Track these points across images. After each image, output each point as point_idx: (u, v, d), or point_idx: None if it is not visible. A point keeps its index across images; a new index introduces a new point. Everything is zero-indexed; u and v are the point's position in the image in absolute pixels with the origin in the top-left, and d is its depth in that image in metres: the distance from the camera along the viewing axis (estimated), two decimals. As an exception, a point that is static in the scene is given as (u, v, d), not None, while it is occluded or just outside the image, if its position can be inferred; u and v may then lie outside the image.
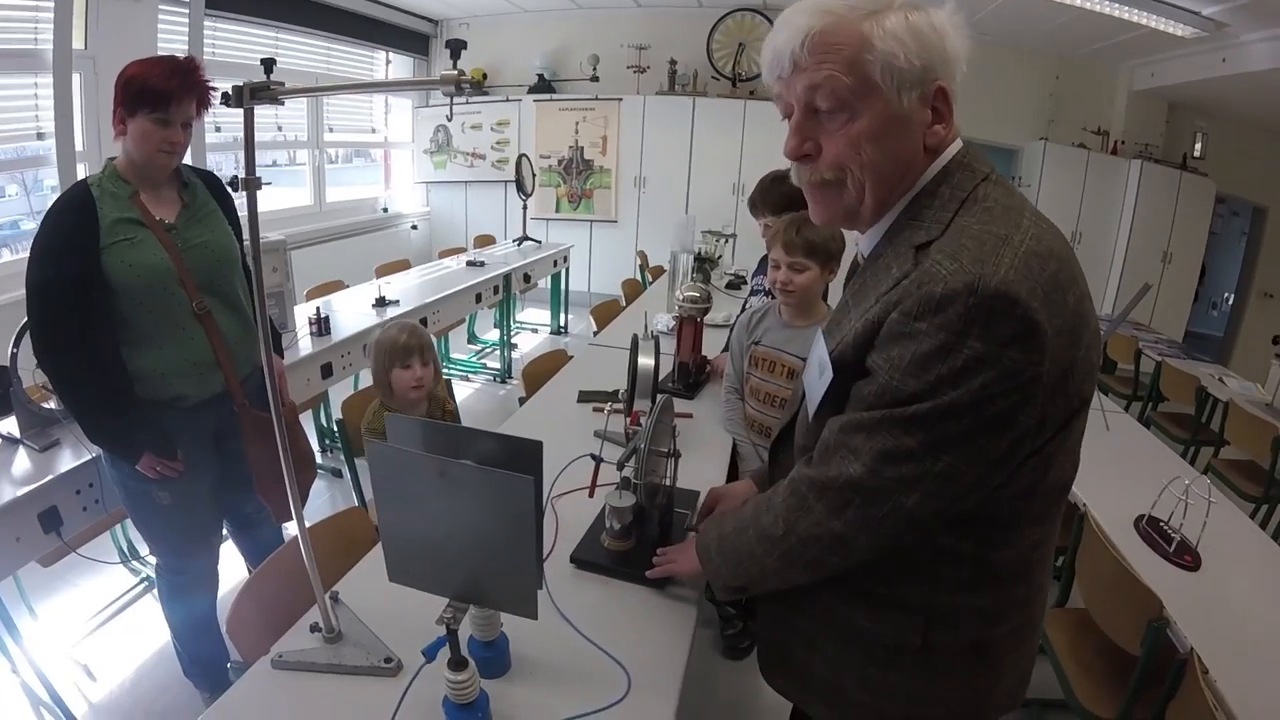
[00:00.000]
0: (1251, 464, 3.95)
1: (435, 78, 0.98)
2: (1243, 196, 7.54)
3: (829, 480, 1.00)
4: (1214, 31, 5.28)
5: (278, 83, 1.01)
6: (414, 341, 2.23)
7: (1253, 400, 4.10)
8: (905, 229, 0.99)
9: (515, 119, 7.62)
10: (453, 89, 1.00)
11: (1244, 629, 1.83)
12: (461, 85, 1.00)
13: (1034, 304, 0.84)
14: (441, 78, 0.99)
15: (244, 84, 0.99)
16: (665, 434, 1.63)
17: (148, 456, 1.89)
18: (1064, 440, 0.96)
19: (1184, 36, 5.49)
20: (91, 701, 2.36)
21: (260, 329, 1.21)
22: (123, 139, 1.84)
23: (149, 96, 1.78)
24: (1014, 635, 1.10)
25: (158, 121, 1.80)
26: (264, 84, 1.00)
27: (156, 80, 1.78)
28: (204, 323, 1.95)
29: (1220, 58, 5.60)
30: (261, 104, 1.01)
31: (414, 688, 1.22)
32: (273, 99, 1.01)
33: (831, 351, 1.03)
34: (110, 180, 1.86)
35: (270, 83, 1.01)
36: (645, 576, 1.51)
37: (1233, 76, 5.57)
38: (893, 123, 0.94)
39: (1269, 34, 5.06)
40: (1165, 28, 5.37)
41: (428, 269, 5.16)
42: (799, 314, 2.19)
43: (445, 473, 1.06)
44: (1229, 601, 1.94)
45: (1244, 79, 5.50)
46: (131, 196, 1.86)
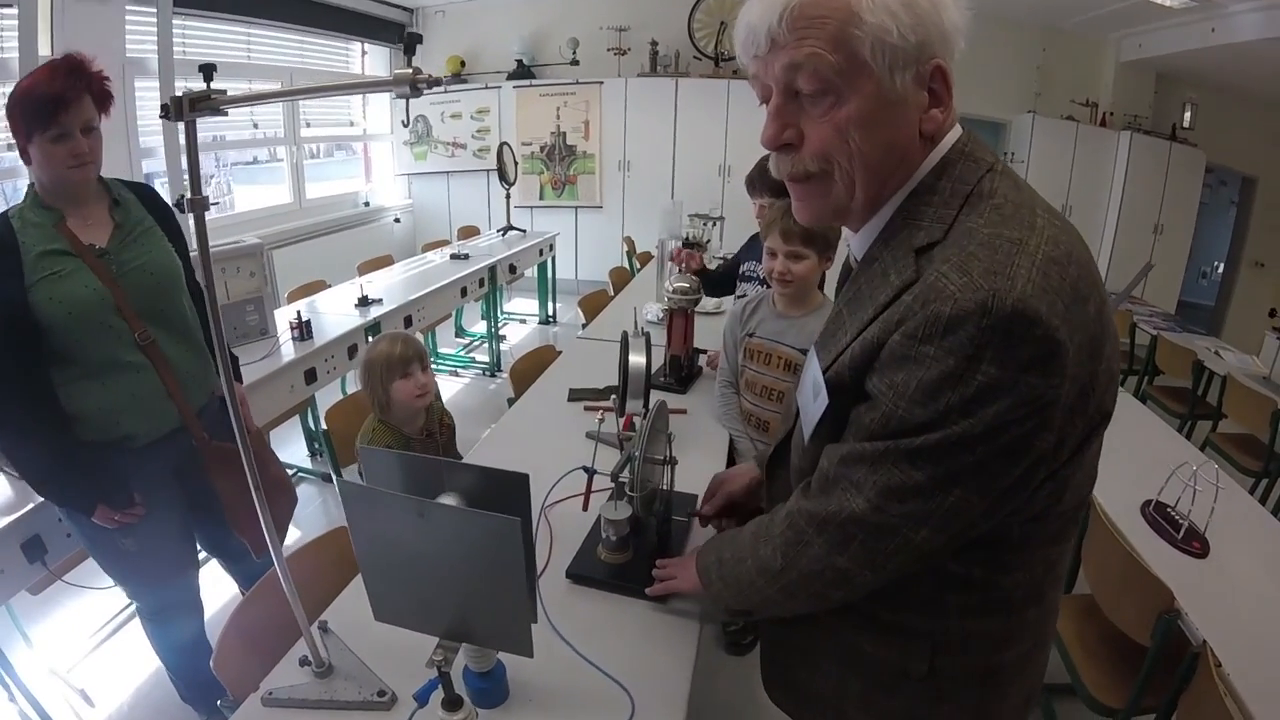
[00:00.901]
0: (1250, 438, 3.92)
1: (389, 76, 0.86)
2: (1232, 167, 7.49)
3: (829, 515, 0.92)
4: (1203, 1, 5.22)
5: (218, 91, 0.89)
6: (410, 350, 2.12)
7: (1250, 374, 4.07)
8: (902, 229, 0.89)
9: (495, 106, 7.50)
10: (408, 89, 0.88)
11: (1256, 619, 1.79)
12: (418, 85, 0.88)
13: (1055, 321, 0.75)
14: (395, 77, 0.88)
15: (182, 95, 0.88)
16: (660, 441, 1.56)
17: (102, 508, 1.77)
18: (1081, 459, 0.88)
19: (1172, 6, 5.43)
20: None
21: (219, 355, 1.10)
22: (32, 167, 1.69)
23: (38, 112, 1.61)
24: (1024, 658, 1.04)
25: (55, 139, 1.64)
26: (204, 93, 0.89)
27: (41, 89, 1.61)
28: (149, 354, 1.80)
29: (1209, 28, 5.54)
30: (202, 115, 0.90)
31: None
32: (214, 109, 0.90)
33: (826, 371, 0.94)
34: (32, 210, 1.70)
35: (210, 92, 0.90)
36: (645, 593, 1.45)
37: (1222, 47, 5.50)
38: (884, 107, 0.84)
39: (1258, 3, 4.99)
40: (1151, -4, 5.30)
41: (411, 264, 5.06)
42: (794, 303, 2.12)
43: (425, 514, 0.98)
44: (1239, 590, 1.90)
45: (1233, 49, 5.45)
46: (56, 224, 1.70)
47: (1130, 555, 1.88)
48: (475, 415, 4.64)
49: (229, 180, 5.99)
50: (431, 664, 1.04)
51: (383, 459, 1.15)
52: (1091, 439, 0.88)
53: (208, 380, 1.97)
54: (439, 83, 0.85)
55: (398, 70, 0.88)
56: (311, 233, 6.37)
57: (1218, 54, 5.70)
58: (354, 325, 3.48)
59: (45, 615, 2.70)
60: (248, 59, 5.88)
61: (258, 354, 2.97)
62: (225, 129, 5.85)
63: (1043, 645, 1.08)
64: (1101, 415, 0.87)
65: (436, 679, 1.04)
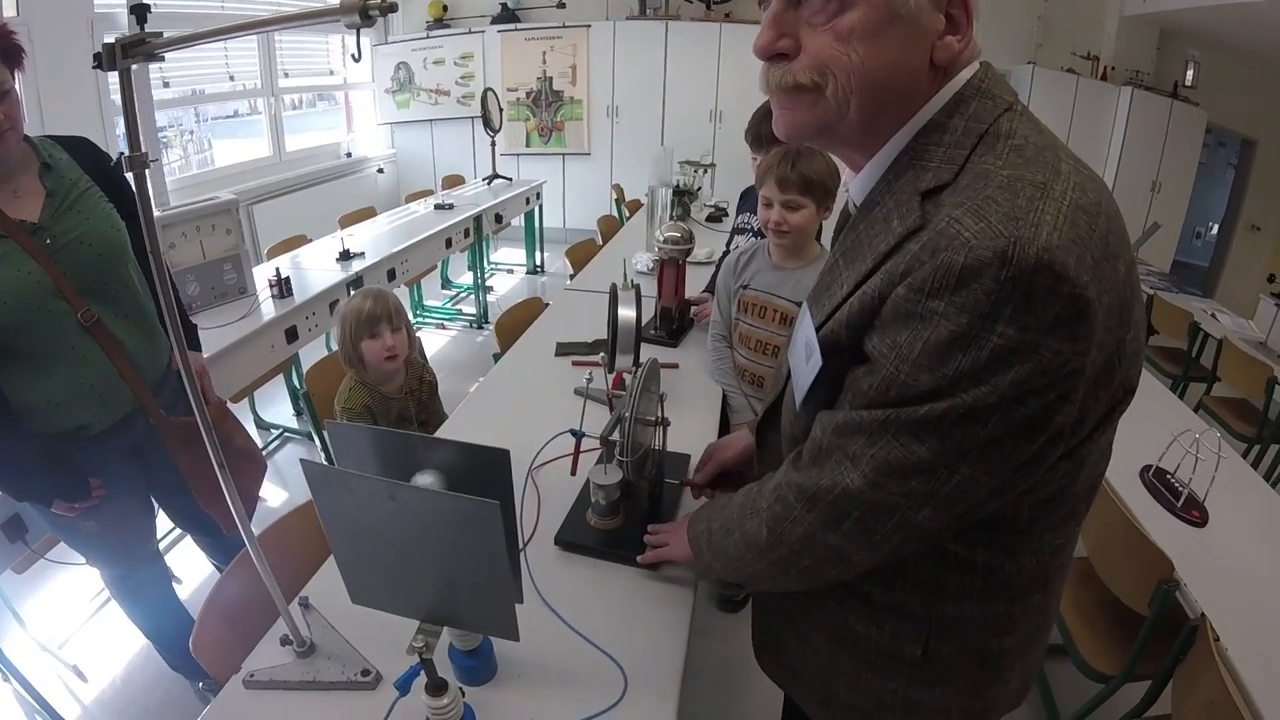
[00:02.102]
0: (1244, 403, 3.91)
1: (335, 4, 0.72)
2: (1233, 128, 7.41)
3: (821, 490, 0.84)
4: (1213, -42, 5.08)
5: (154, 34, 0.78)
6: (380, 308, 2.05)
7: (1246, 338, 4.03)
8: (908, 170, 0.80)
9: (479, 52, 7.31)
10: (357, 18, 0.74)
11: (1253, 592, 1.76)
12: (369, 12, 0.73)
13: (1084, 278, 0.65)
14: (342, 4, 0.73)
15: (114, 40, 0.77)
16: (651, 401, 1.49)
17: (59, 501, 1.68)
18: (1102, 436, 0.80)
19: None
20: (84, 703, 2.28)
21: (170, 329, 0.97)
22: None
23: None
24: (1025, 643, 0.97)
25: None
26: (137, 37, 0.77)
27: None
28: (95, 334, 1.64)
29: (1218, -16, 5.39)
30: (137, 61, 0.78)
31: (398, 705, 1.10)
32: (150, 54, 0.79)
33: (820, 330, 0.85)
34: None
35: (145, 35, 0.78)
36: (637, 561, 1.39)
37: (1230, 5, 5.37)
38: (893, 20, 0.75)
39: (1271, -36, 4.86)
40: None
41: (394, 215, 4.93)
42: (790, 255, 2.04)
43: (396, 497, 0.91)
44: (1238, 561, 1.87)
45: (1241, 8, 5.32)
46: None
47: (1130, 522, 1.85)
48: (463, 369, 4.60)
49: (209, 136, 5.82)
50: (412, 650, 0.98)
51: (353, 435, 1.07)
52: (1114, 414, 0.80)
53: (161, 353, 1.84)
54: (393, 8, 0.72)
55: None
56: (292, 186, 6.22)
57: (1225, 13, 5.56)
58: (335, 280, 3.39)
59: (33, 593, 2.66)
60: (222, 8, 5.66)
61: (236, 314, 2.88)
62: (203, 82, 5.66)
63: (1045, 629, 1.02)
64: (1126, 390, 0.79)
65: (418, 665, 0.98)
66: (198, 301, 2.85)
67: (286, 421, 3.96)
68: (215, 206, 2.91)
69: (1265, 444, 3.58)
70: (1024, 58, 6.91)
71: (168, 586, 2.13)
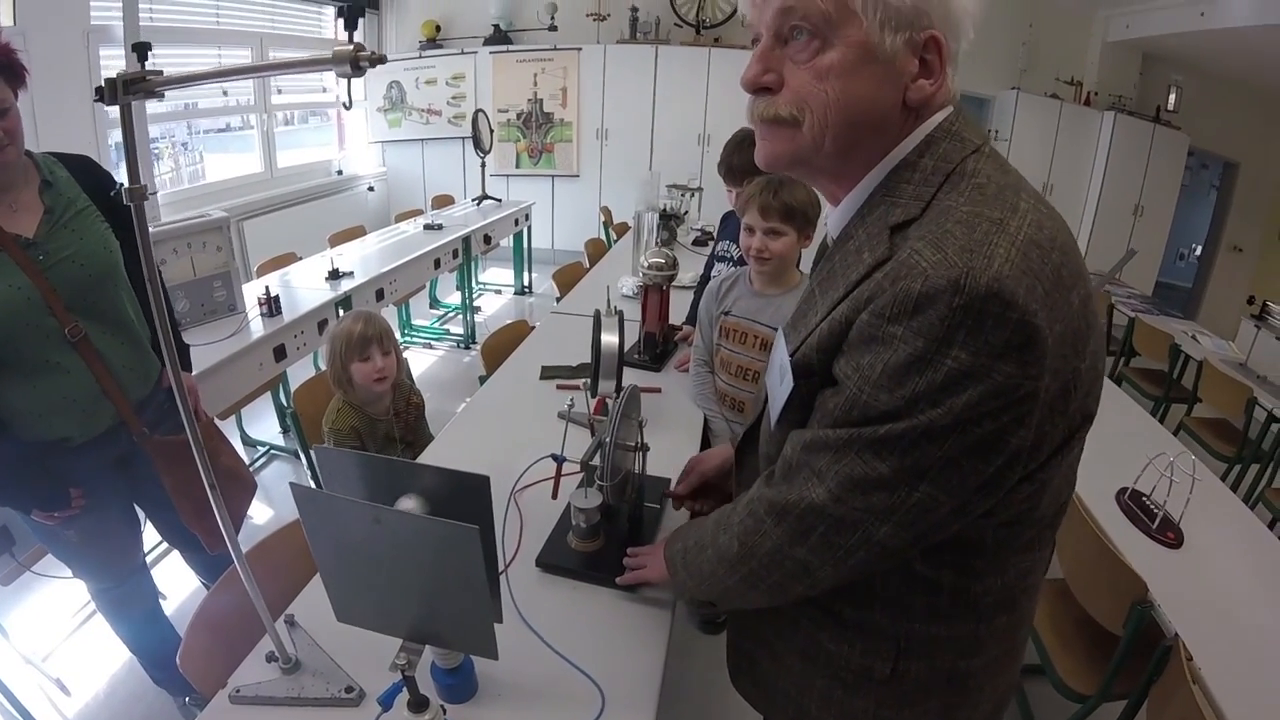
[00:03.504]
0: (1224, 423, 3.96)
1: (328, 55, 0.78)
2: (1215, 151, 7.52)
3: (789, 505, 0.87)
4: (1193, -16, 5.19)
5: (154, 72, 0.82)
6: (371, 330, 2.08)
7: (1227, 359, 4.09)
8: (880, 205, 0.84)
9: (471, 72, 7.35)
10: (348, 68, 0.80)
11: (1228, 612, 1.79)
12: (359, 63, 0.79)
13: (1033, 306, 0.69)
14: (335, 54, 0.79)
15: (116, 76, 0.81)
16: (631, 427, 1.52)
17: (38, 511, 1.70)
18: (1062, 462, 0.84)
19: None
20: (67, 717, 2.27)
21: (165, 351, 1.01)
22: None
23: None
24: (994, 664, 1.00)
25: None
26: (138, 75, 0.82)
27: None
28: (81, 350, 1.66)
29: (1199, 11, 5.52)
30: (138, 98, 0.83)
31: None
32: (150, 92, 0.83)
33: (793, 354, 0.89)
34: None
35: (146, 73, 0.82)
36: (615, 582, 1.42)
37: (1211, 31, 5.48)
38: (869, 61, 0.80)
39: (1252, -10, 4.96)
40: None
41: (384, 235, 4.95)
42: (771, 282, 2.07)
43: (381, 520, 0.94)
44: (1212, 583, 1.89)
45: (1223, 34, 5.42)
46: None
47: (1104, 544, 1.87)
48: (450, 388, 4.61)
49: (200, 149, 5.84)
50: (394, 667, 1.01)
51: (340, 459, 1.10)
52: (1072, 441, 0.83)
53: (147, 371, 1.86)
54: (382, 60, 0.78)
55: (338, 46, 0.79)
56: (283, 203, 6.22)
57: (1206, 38, 5.68)
58: (324, 300, 3.39)
59: (18, 605, 2.65)
60: (216, 24, 5.70)
61: (225, 331, 2.88)
62: (197, 96, 5.69)
63: (1015, 652, 1.04)
64: (1084, 417, 0.83)
65: (401, 682, 1.00)
66: (187, 318, 2.86)
67: (273, 439, 3.96)
68: (206, 224, 2.92)
69: (1246, 463, 3.62)
70: (1009, 83, 7.01)
71: (153, 601, 2.14)
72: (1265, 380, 3.88)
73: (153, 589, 2.14)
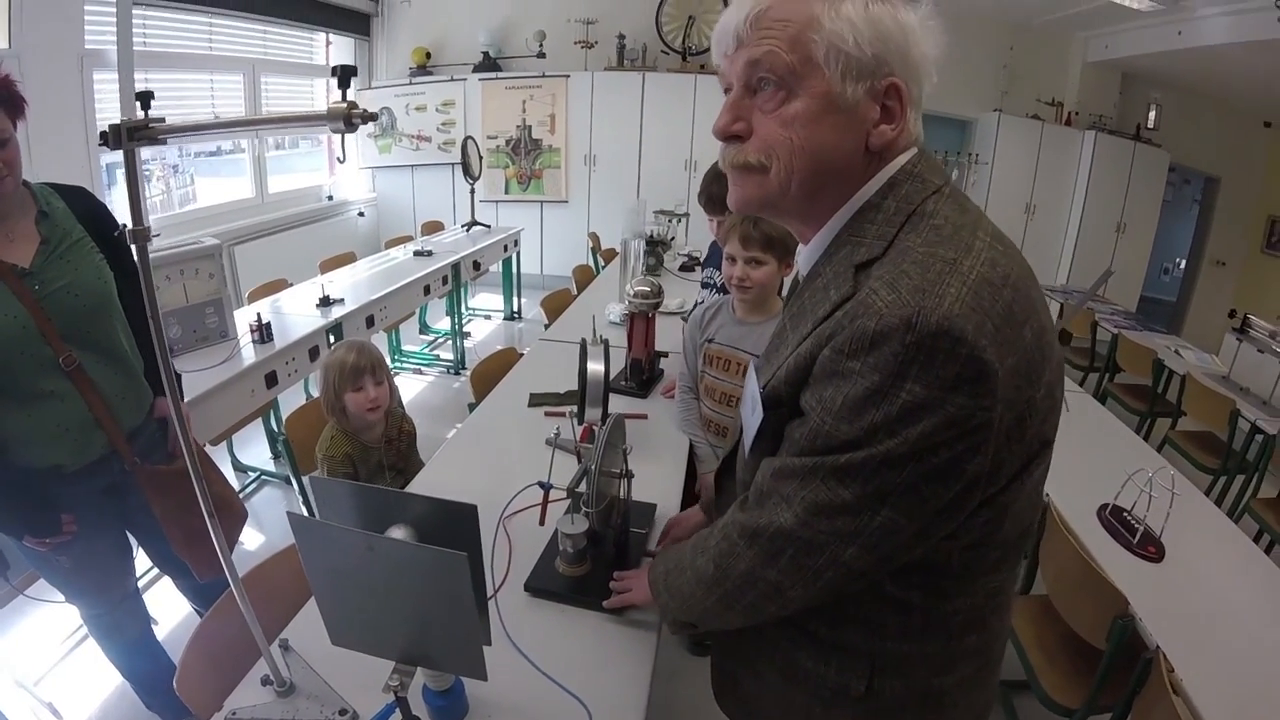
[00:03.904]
0: (1209, 435, 4.00)
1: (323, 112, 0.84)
2: (1196, 167, 7.63)
3: (760, 528, 0.92)
4: (1171, 5, 5.29)
5: (157, 120, 0.86)
6: (364, 361, 2.11)
7: (1210, 372, 4.14)
8: (846, 244, 0.89)
9: (461, 99, 7.42)
10: (342, 125, 0.86)
11: (1209, 623, 1.82)
12: (352, 120, 0.85)
13: (982, 342, 0.74)
14: (329, 111, 0.85)
15: (120, 123, 0.85)
16: (616, 454, 1.55)
17: (29, 537, 1.71)
18: (1022, 487, 0.87)
19: (1139, 9, 5.48)
20: None
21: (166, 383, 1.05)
22: None
23: None
24: (967, 682, 1.03)
25: None
26: (141, 122, 0.86)
27: None
28: (75, 379, 1.68)
29: (1176, 30, 5.61)
30: (141, 145, 0.87)
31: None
32: (152, 139, 0.88)
33: (764, 387, 0.94)
34: None
35: (149, 121, 0.87)
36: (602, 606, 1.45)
37: (1188, 49, 5.57)
38: (831, 109, 0.85)
39: (1225, 8, 5.06)
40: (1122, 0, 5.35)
41: (374, 261, 4.97)
42: (754, 310, 2.11)
43: (374, 547, 0.98)
44: (1193, 594, 1.93)
45: (1199, 52, 5.52)
46: None
47: (1085, 560, 1.90)
48: (439, 414, 4.61)
49: (191, 171, 5.85)
50: (387, 689, 1.04)
51: (334, 489, 1.14)
52: (1031, 467, 0.87)
53: (140, 400, 1.88)
54: (374, 118, 0.83)
55: (333, 104, 0.85)
56: (274, 228, 6.24)
57: (1184, 56, 5.77)
58: (315, 327, 3.41)
59: (10, 628, 2.64)
60: (209, 49, 5.75)
61: (217, 358, 2.90)
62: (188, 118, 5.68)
63: (989, 669, 1.07)
64: (1041, 443, 0.87)
65: (394, 703, 1.04)
66: (179, 344, 2.88)
67: (264, 464, 3.96)
68: (199, 251, 2.95)
69: (1231, 475, 3.66)
70: (990, 105, 7.12)
71: (146, 626, 2.14)
72: (1248, 392, 3.95)
73: (145, 615, 2.14)
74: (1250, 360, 4.27)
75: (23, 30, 3.99)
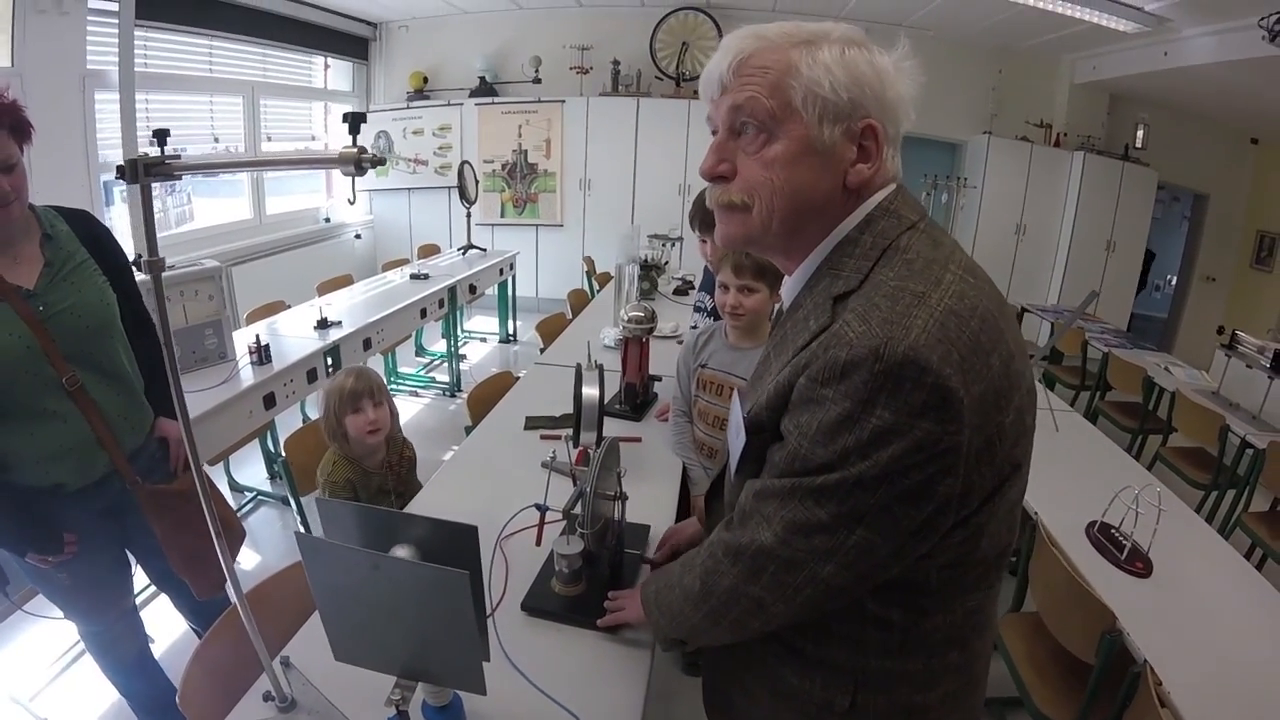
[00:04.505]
0: (1200, 451, 4.04)
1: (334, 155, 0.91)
2: (1184, 185, 7.69)
3: (742, 546, 0.96)
4: (1156, 27, 5.35)
5: (173, 157, 0.92)
6: (362, 385, 2.15)
7: (1200, 389, 4.18)
8: (825, 278, 0.94)
9: (457, 123, 7.49)
10: (353, 169, 0.93)
11: (1196, 636, 1.85)
12: (362, 164, 0.93)
13: (946, 370, 0.78)
14: (340, 155, 0.92)
15: (137, 159, 0.90)
16: (611, 477, 1.59)
17: (32, 554, 1.74)
18: (996, 508, 0.91)
19: (1126, 31, 5.55)
20: None
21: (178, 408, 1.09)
22: None
23: None
24: (951, 699, 1.05)
25: None
26: (158, 159, 0.92)
27: None
28: (77, 399, 1.71)
29: (1162, 51, 5.68)
30: (157, 180, 0.93)
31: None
32: (168, 175, 0.93)
33: (747, 413, 0.99)
34: None
35: (165, 158, 0.93)
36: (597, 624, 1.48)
37: (1174, 69, 5.64)
38: (809, 152, 0.90)
39: (1210, 28, 5.14)
40: (1108, 23, 5.43)
41: (371, 284, 5.02)
42: (746, 336, 2.14)
43: (379, 566, 1.02)
44: (1180, 608, 1.95)
45: (1185, 71, 5.58)
46: None
47: (1073, 576, 1.93)
48: (435, 436, 4.64)
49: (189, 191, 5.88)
50: (390, 703, 1.08)
51: (339, 510, 1.18)
52: (1004, 488, 0.91)
53: (141, 421, 1.91)
54: (382, 162, 0.90)
55: (344, 149, 0.92)
56: (272, 249, 6.28)
57: (1170, 76, 5.85)
58: (313, 349, 3.43)
59: (7, 643, 2.66)
60: (210, 71, 5.82)
61: (216, 379, 2.93)
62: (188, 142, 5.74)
63: (972, 686, 1.09)
64: (1012, 466, 0.90)
65: (395, 717, 1.07)
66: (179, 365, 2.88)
67: (260, 484, 3.97)
68: (200, 273, 2.98)
69: (1222, 490, 3.69)
70: (980, 129, 7.19)
71: (143, 644, 2.15)
72: (1238, 407, 3.98)
73: (142, 633, 2.15)
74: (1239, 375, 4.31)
75: (25, 50, 4.04)
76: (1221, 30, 5.03)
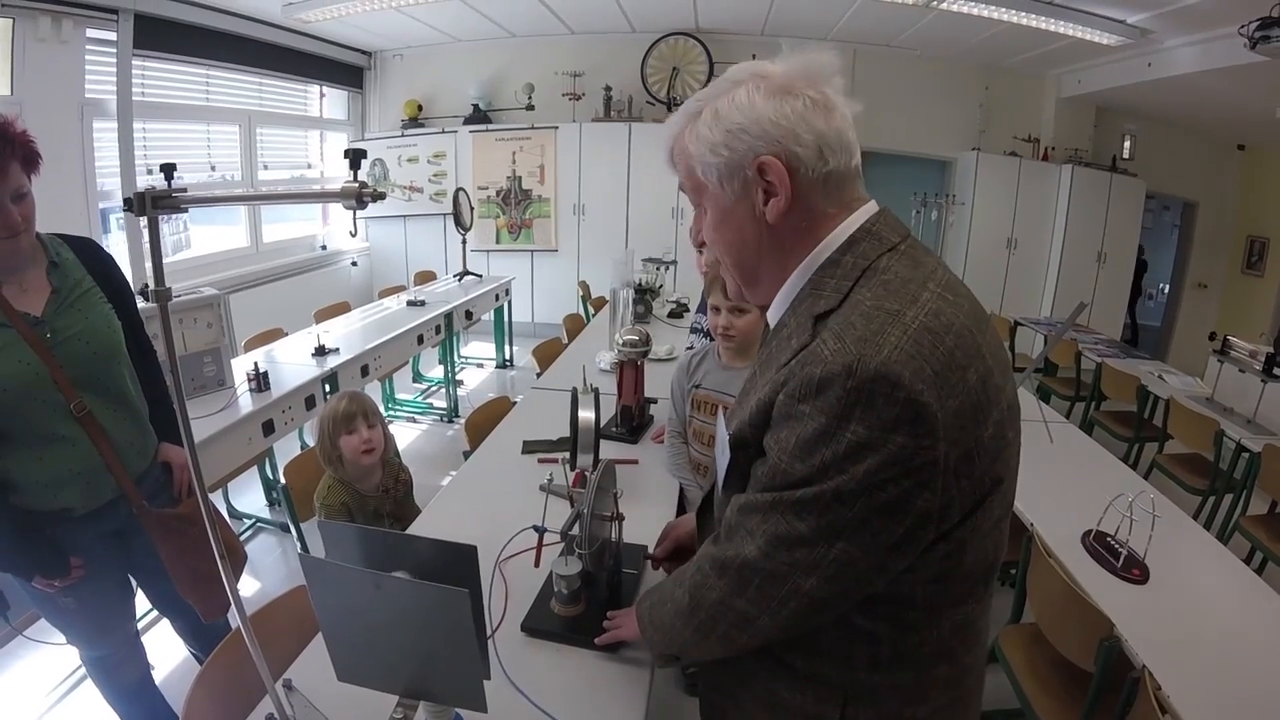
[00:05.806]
0: (1196, 457, 4.06)
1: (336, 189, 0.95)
2: (1173, 193, 7.77)
3: (728, 560, 0.98)
4: (1139, 39, 5.42)
5: (180, 190, 0.96)
6: (355, 406, 2.18)
7: (1194, 395, 4.21)
8: (808, 298, 0.97)
9: (452, 150, 7.55)
10: (354, 203, 0.97)
11: (1194, 640, 1.85)
12: (363, 198, 0.97)
13: (919, 386, 0.81)
14: (342, 189, 0.96)
15: (145, 191, 0.94)
16: (607, 498, 1.61)
17: (40, 578, 1.75)
18: (978, 522, 0.92)
19: (1110, 44, 5.62)
20: None
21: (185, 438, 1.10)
22: None
23: None
24: (941, 713, 1.06)
25: None
26: (165, 192, 0.96)
27: None
28: (85, 425, 1.73)
29: (1146, 62, 5.75)
30: (164, 212, 0.97)
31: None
32: (175, 208, 0.97)
33: (731, 431, 1.01)
34: None
35: (173, 191, 0.96)
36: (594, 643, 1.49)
37: (1159, 80, 5.71)
38: (725, 212, 1.00)
39: (1192, 39, 5.21)
40: (1092, 37, 5.50)
41: (368, 311, 5.03)
42: (738, 356, 2.16)
43: (381, 586, 1.04)
44: (1178, 613, 1.96)
45: (1169, 82, 5.65)
46: None
47: (1070, 585, 1.94)
48: (433, 462, 4.63)
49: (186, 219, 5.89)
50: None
51: (341, 532, 1.21)
52: (986, 503, 0.92)
53: (146, 446, 1.93)
54: (382, 197, 0.95)
55: (345, 183, 0.97)
56: (269, 277, 6.31)
57: (1155, 87, 5.91)
58: (311, 376, 3.45)
59: (6, 669, 2.65)
60: (206, 100, 5.88)
61: (215, 406, 2.95)
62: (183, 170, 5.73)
63: (963, 700, 1.10)
64: (993, 481, 0.92)
65: None
66: (178, 392, 2.92)
67: (259, 511, 3.97)
68: (199, 301, 3.01)
69: (1219, 494, 3.71)
70: (968, 145, 7.24)
71: (145, 670, 2.15)
72: (1232, 412, 4.01)
73: (144, 658, 2.15)
74: (1232, 380, 4.34)
75: (25, 78, 4.10)
76: (1203, 40, 5.10)
